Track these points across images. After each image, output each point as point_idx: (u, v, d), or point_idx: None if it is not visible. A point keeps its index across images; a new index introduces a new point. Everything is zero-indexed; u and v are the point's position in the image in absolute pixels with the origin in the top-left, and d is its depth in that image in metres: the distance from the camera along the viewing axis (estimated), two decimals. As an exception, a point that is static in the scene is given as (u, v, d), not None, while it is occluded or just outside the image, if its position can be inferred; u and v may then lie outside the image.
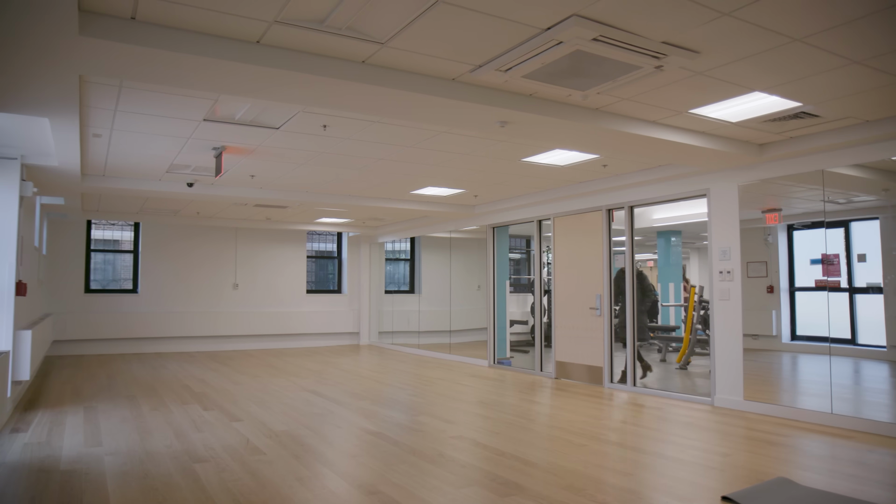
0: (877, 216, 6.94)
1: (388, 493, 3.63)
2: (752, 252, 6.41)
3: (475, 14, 3.18)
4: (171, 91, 4.42)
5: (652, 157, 6.13)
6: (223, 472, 4.05)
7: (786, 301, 7.69)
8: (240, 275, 12.82)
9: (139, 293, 11.83)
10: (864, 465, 4.30)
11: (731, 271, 6.30)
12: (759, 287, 7.32)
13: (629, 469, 4.18)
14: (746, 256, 6.34)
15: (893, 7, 3.10)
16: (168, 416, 5.85)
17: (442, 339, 11.65)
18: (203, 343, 12.30)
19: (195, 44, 3.34)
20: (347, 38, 3.45)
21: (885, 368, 7.10)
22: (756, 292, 6.35)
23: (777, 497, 3.54)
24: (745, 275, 6.34)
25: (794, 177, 5.94)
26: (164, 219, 11.47)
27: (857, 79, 4.09)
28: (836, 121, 5.04)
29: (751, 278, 6.40)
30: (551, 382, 8.13)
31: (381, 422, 5.66)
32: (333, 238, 14.39)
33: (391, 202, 9.49)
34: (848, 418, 5.33)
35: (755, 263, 6.50)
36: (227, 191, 8.36)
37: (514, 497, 3.56)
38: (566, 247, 8.49)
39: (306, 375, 8.74)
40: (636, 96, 4.46)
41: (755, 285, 6.16)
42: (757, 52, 3.65)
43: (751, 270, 6.56)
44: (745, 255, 6.33)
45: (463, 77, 4.08)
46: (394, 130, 5.50)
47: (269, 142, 5.92)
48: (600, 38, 3.34)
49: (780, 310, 7.70)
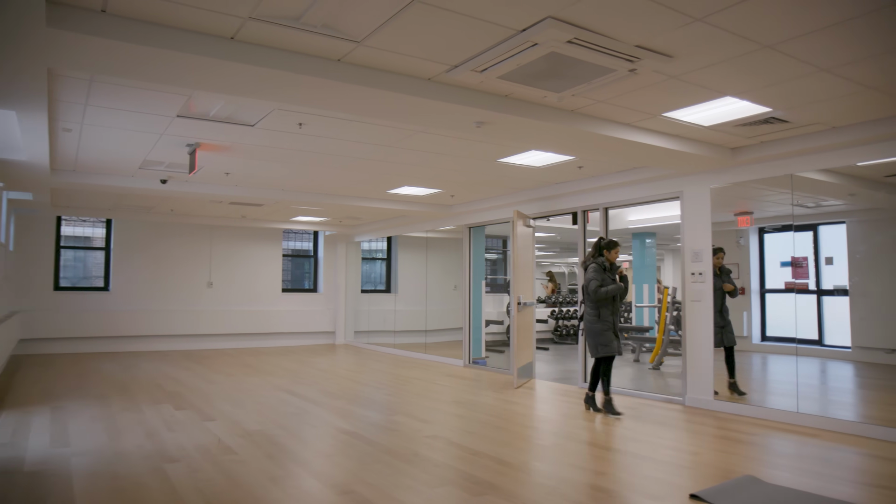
0: (844, 220, 7.10)
1: (361, 493, 3.62)
2: (724, 255, 6.51)
3: (451, 14, 3.19)
4: (143, 86, 4.36)
5: (626, 160, 6.19)
6: (195, 473, 4.00)
7: (756, 302, 7.83)
8: (215, 273, 12.68)
9: (111, 291, 11.64)
10: (829, 462, 4.40)
11: (703, 273, 6.39)
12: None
13: (602, 468, 4.22)
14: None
15: (856, 18, 3.18)
16: (139, 415, 5.77)
17: (418, 338, 11.65)
18: (177, 342, 12.14)
19: (168, 38, 3.30)
20: (323, 35, 3.44)
21: (850, 368, 7.27)
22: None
23: (744, 494, 3.61)
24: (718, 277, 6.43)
25: (764, 181, 6.04)
26: (138, 216, 11.30)
27: (825, 86, 4.18)
28: (805, 126, 5.15)
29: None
30: (526, 382, 8.16)
31: (356, 421, 5.65)
32: (310, 237, 14.31)
33: (368, 201, 9.47)
34: (814, 417, 5.44)
35: (729, 265, 6.60)
36: (201, 188, 8.26)
37: (488, 496, 3.57)
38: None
39: (282, 374, 8.68)
40: (611, 99, 4.50)
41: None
42: (729, 57, 3.71)
43: (723, 272, 6.64)
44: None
45: (439, 77, 4.08)
46: (370, 129, 5.49)
47: (244, 139, 5.86)
48: (575, 40, 3.37)
49: (751, 311, 7.83)
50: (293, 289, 13.94)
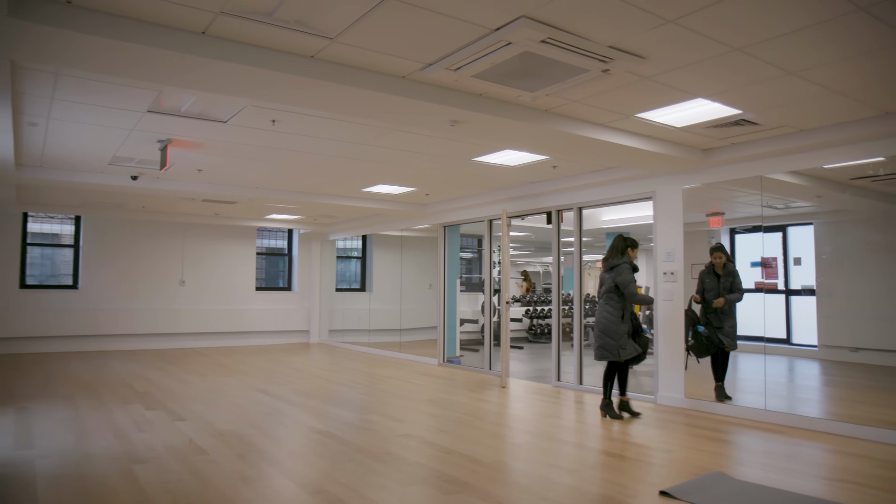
0: (811, 221, 7.24)
1: (333, 492, 3.60)
2: (696, 254, 6.59)
3: (425, 12, 3.18)
4: (112, 80, 4.28)
5: (600, 160, 6.24)
6: (164, 473, 3.95)
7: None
8: (187, 271, 12.51)
9: (80, 289, 11.42)
10: (794, 458, 4.48)
11: (675, 273, 6.46)
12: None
13: (573, 466, 4.25)
14: (690, 258, 6.52)
15: (821, 24, 3.25)
16: (108, 416, 5.67)
17: (392, 337, 11.62)
18: (149, 341, 11.96)
19: (137, 32, 3.24)
20: (296, 31, 3.41)
21: (816, 366, 7.42)
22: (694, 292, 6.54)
23: (712, 491, 3.66)
24: (690, 276, 6.51)
25: (735, 182, 6.13)
26: (108, 212, 11.09)
27: (792, 89, 4.26)
28: (774, 129, 5.24)
29: (695, 280, 6.57)
30: (500, 381, 8.19)
31: (329, 420, 5.61)
32: (284, 235, 14.19)
33: (343, 199, 9.42)
34: (781, 414, 5.54)
35: (699, 265, 6.68)
36: (173, 185, 8.15)
37: (460, 495, 3.58)
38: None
39: (255, 374, 8.59)
40: (585, 99, 4.54)
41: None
42: (700, 59, 3.76)
43: (695, 272, 6.73)
44: (690, 258, 6.50)
45: (413, 75, 4.08)
46: (345, 127, 5.46)
47: (216, 135, 5.79)
48: (549, 40, 3.38)
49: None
50: (267, 287, 13.81)
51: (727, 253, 6.30)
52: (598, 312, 5.86)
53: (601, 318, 5.81)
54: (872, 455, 4.50)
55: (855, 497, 3.58)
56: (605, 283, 5.87)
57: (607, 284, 5.82)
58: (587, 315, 14.01)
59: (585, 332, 12.47)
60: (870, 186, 5.75)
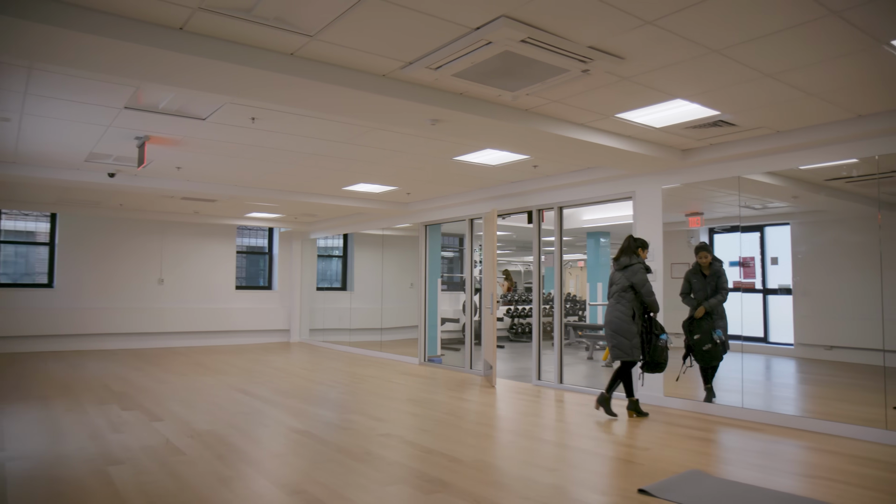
0: (788, 222, 7.34)
1: (312, 493, 3.58)
2: (675, 254, 6.65)
3: (405, 10, 3.17)
4: (88, 76, 4.22)
5: (580, 160, 6.27)
6: (140, 475, 3.90)
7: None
8: (166, 270, 12.38)
9: (55, 288, 11.24)
10: (771, 455, 4.54)
11: (655, 272, 6.51)
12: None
13: (553, 464, 4.27)
14: (670, 258, 6.58)
15: (796, 27, 3.29)
16: (83, 417, 5.59)
17: (373, 336, 11.59)
18: (126, 340, 11.81)
19: (113, 27, 3.20)
20: (275, 28, 3.38)
21: (793, 365, 7.52)
22: (679, 292, 6.59)
23: (690, 488, 3.69)
24: (669, 275, 6.57)
25: (713, 182, 6.20)
26: (85, 210, 10.93)
27: (769, 91, 4.31)
28: (751, 130, 5.30)
29: (674, 279, 6.62)
30: (480, 380, 8.21)
31: (309, 420, 5.58)
32: (264, 233, 14.09)
33: (323, 198, 9.37)
34: (758, 412, 5.61)
35: (679, 265, 6.74)
36: (151, 182, 8.05)
37: (440, 494, 3.57)
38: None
39: (234, 373, 8.52)
40: (565, 99, 4.55)
41: (678, 286, 6.40)
42: (678, 60, 3.79)
43: (674, 271, 6.79)
44: (669, 257, 6.56)
45: (394, 73, 4.06)
46: (325, 125, 5.43)
47: (195, 133, 5.73)
48: (529, 39, 3.39)
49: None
50: (247, 286, 13.71)
51: (713, 252, 6.26)
52: (609, 312, 5.78)
53: (613, 318, 5.73)
54: (847, 451, 4.57)
55: (830, 493, 3.63)
56: (616, 282, 5.80)
57: (620, 284, 5.76)
58: (567, 314, 14.11)
59: (566, 332, 12.53)
60: (844, 188, 5.84)
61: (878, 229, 5.10)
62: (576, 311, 14.32)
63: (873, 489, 3.72)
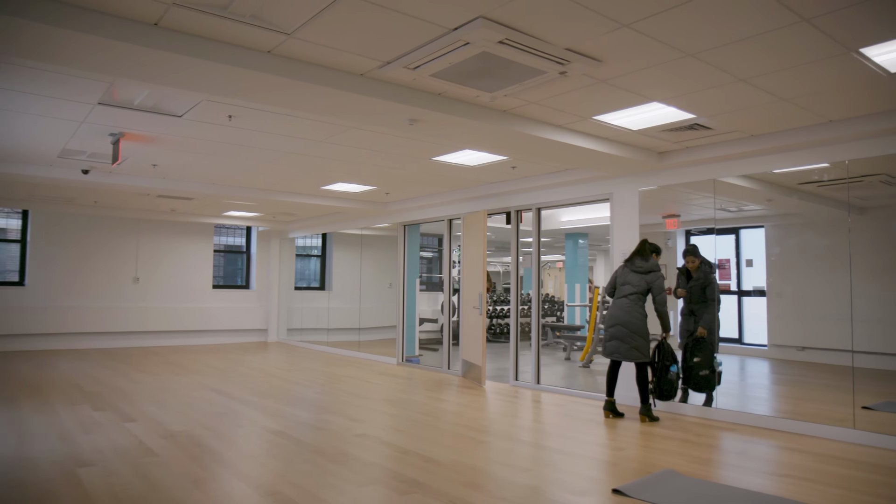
0: (763, 224, 7.44)
1: (286, 494, 3.55)
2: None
3: (383, 10, 3.16)
4: (60, 70, 4.14)
5: (558, 161, 6.30)
6: (110, 477, 3.84)
7: (681, 303, 8.11)
8: (141, 268, 12.22)
9: (27, 286, 11.03)
10: (744, 455, 4.60)
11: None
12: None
13: (528, 465, 4.28)
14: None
15: (768, 33, 3.34)
16: (53, 417, 5.49)
17: (351, 336, 11.55)
18: (99, 340, 11.64)
19: (85, 21, 3.14)
20: (252, 26, 3.35)
21: (766, 365, 7.63)
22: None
23: (663, 488, 3.73)
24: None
25: (690, 184, 6.27)
26: (58, 207, 10.74)
27: (743, 95, 4.37)
28: (726, 133, 5.37)
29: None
30: (458, 380, 8.21)
31: (284, 420, 5.54)
32: (242, 232, 13.97)
33: (302, 197, 9.32)
34: (731, 412, 5.68)
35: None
36: (126, 179, 7.93)
37: (415, 495, 3.57)
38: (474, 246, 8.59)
39: (209, 373, 8.43)
40: (543, 100, 4.57)
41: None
42: (654, 63, 3.82)
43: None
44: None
45: (372, 73, 4.05)
46: (303, 124, 5.40)
47: (171, 130, 5.66)
48: (506, 41, 3.40)
49: (677, 311, 8.12)
50: (225, 285, 13.58)
51: (700, 256, 6.20)
52: (626, 313, 5.69)
53: (633, 319, 5.67)
54: (816, 450, 4.65)
55: (799, 491, 3.69)
56: (632, 283, 5.76)
57: (638, 287, 5.72)
58: (546, 315, 14.18)
59: (544, 332, 12.59)
60: (816, 191, 5.94)
61: (847, 232, 5.20)
62: (554, 312, 14.39)
63: (840, 487, 3.78)
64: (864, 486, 3.81)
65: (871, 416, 5.14)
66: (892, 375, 6.34)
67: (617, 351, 5.73)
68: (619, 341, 5.72)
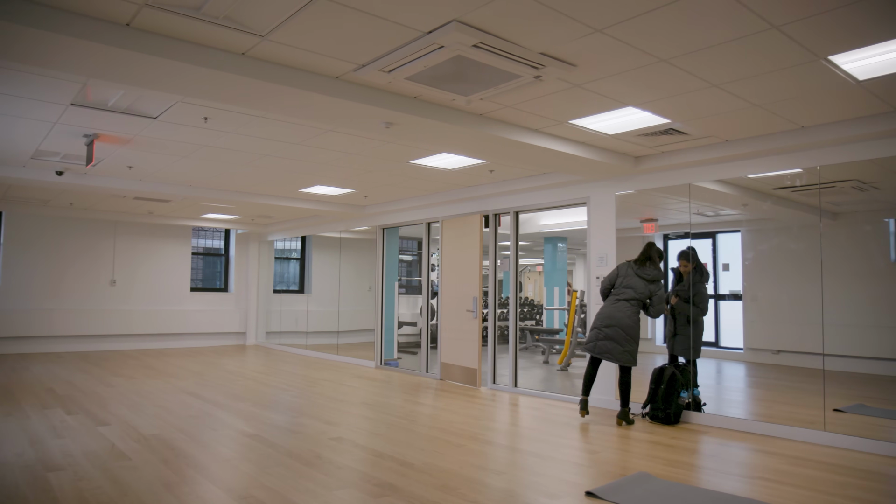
0: (738, 229, 7.53)
1: (259, 498, 3.53)
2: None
3: (356, 13, 3.16)
4: (31, 70, 4.09)
5: (535, 165, 6.33)
6: (80, 481, 3.79)
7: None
8: (118, 270, 12.06)
9: (0, 288, 10.87)
10: (718, 457, 4.65)
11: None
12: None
13: (503, 468, 4.29)
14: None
15: (739, 40, 3.39)
16: (24, 421, 5.41)
17: (330, 339, 11.50)
18: (74, 343, 11.47)
19: (56, 20, 3.10)
20: (225, 27, 3.34)
21: (742, 369, 7.71)
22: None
23: (637, 490, 3.76)
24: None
25: (666, 189, 6.33)
26: (32, 208, 10.59)
27: (716, 101, 4.42)
28: (701, 139, 5.43)
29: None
30: (436, 384, 8.21)
31: (259, 424, 5.50)
32: (221, 235, 13.86)
33: (280, 200, 9.27)
34: (706, 416, 5.74)
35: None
36: (102, 181, 7.84)
37: (388, 498, 3.56)
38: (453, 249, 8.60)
39: (186, 377, 8.35)
40: (518, 104, 4.60)
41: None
42: (628, 69, 3.86)
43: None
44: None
45: (347, 76, 4.05)
46: (279, 126, 5.38)
47: (146, 131, 5.61)
48: (480, 45, 3.41)
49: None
50: (203, 288, 13.45)
51: (696, 261, 6.06)
52: (626, 317, 5.68)
53: (632, 324, 5.68)
54: (787, 452, 4.71)
55: (769, 493, 3.73)
56: (635, 289, 5.74)
57: (642, 294, 5.73)
58: (524, 318, 14.21)
59: (522, 336, 12.62)
60: (789, 196, 6.03)
61: (819, 237, 5.28)
62: (533, 316, 14.44)
63: (810, 489, 3.83)
64: (833, 488, 3.86)
65: (841, 418, 5.22)
66: (863, 378, 6.46)
67: (610, 351, 5.70)
68: (615, 343, 5.69)
